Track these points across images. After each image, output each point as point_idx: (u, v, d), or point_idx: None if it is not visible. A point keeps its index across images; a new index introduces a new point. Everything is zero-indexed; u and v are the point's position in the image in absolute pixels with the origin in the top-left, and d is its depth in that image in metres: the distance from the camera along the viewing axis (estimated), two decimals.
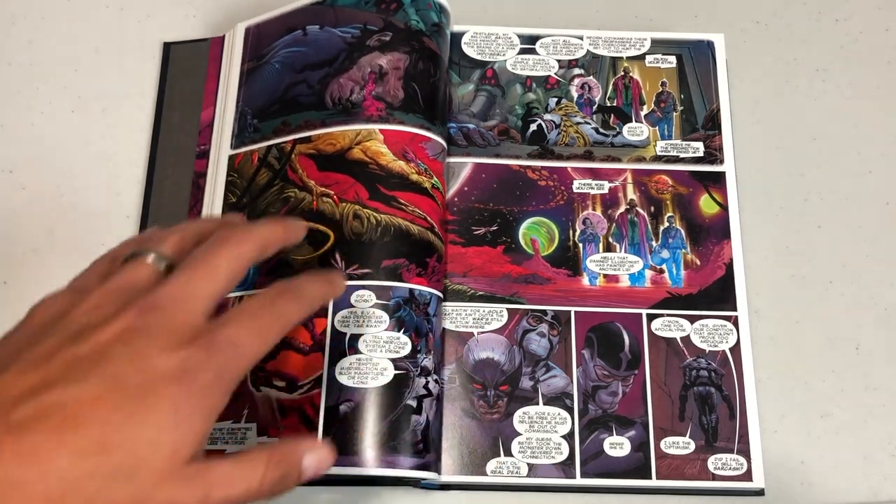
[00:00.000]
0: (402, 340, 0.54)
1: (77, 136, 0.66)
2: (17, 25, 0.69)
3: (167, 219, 0.62)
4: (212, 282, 0.38)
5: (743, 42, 0.68)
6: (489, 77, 0.66)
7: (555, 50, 0.66)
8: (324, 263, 0.56)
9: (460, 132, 0.64)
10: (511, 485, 0.55)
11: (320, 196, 0.57)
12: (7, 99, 0.67)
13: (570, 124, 0.64)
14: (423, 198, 0.57)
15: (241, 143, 0.62)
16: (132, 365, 0.34)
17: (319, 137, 0.59)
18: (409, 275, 0.55)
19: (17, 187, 0.64)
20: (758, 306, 0.60)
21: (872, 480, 0.56)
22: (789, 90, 0.67)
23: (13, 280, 0.62)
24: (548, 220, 0.61)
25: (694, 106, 0.65)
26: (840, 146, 0.65)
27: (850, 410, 0.58)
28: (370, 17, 0.61)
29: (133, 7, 0.70)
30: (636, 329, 0.59)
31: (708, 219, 0.62)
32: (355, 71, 0.60)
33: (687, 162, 0.63)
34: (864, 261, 0.61)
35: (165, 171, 0.64)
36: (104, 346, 0.34)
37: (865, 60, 0.67)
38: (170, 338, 0.35)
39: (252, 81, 0.63)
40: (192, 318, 0.36)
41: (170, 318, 0.36)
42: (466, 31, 0.66)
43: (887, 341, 0.59)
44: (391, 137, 0.58)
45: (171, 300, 0.36)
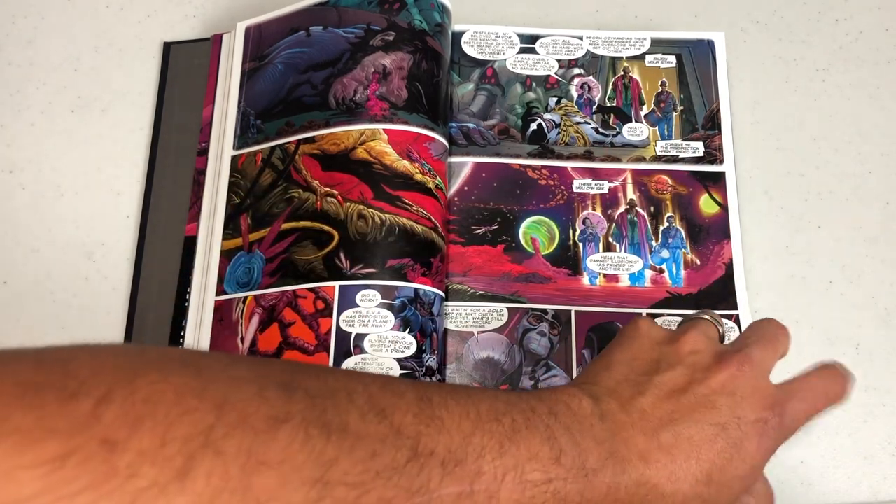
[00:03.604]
0: (408, 340, 0.54)
1: (77, 136, 0.65)
2: (17, 25, 0.69)
3: (167, 219, 0.62)
4: (776, 356, 0.48)
5: (743, 42, 0.68)
6: (489, 76, 0.66)
7: (554, 50, 0.66)
8: (328, 263, 0.56)
9: (460, 131, 0.64)
10: None
11: (324, 196, 0.57)
12: (7, 99, 0.66)
13: (570, 124, 0.64)
14: (427, 198, 0.57)
15: (244, 143, 0.62)
16: (733, 418, 0.42)
17: (323, 137, 0.59)
18: (414, 274, 0.55)
19: (17, 187, 0.64)
20: (758, 306, 0.60)
21: (872, 480, 0.56)
22: (789, 90, 0.67)
23: (13, 280, 0.62)
24: (548, 220, 0.62)
25: (694, 106, 0.65)
26: (840, 146, 0.65)
27: (850, 410, 0.58)
28: (373, 18, 0.61)
29: (133, 7, 0.70)
30: None
31: (708, 219, 0.62)
32: (359, 71, 0.60)
33: (687, 162, 0.63)
34: (864, 261, 0.62)
35: (165, 170, 0.64)
36: (713, 394, 0.43)
37: (865, 60, 0.68)
38: (757, 398, 0.43)
39: (254, 82, 0.63)
40: (768, 382, 0.45)
41: (757, 377, 0.44)
42: (466, 30, 0.66)
43: (887, 341, 0.60)
44: (395, 137, 0.58)
45: (758, 361, 0.45)
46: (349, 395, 0.35)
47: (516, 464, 0.37)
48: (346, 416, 0.33)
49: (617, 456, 0.39)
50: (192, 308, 0.59)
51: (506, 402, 0.39)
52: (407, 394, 0.37)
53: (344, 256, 0.55)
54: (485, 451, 0.36)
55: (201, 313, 0.58)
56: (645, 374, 0.44)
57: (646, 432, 0.41)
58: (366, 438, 0.33)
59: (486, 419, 0.38)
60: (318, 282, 0.55)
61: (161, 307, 0.60)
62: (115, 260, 0.62)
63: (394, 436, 0.34)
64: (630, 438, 0.40)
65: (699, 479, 0.40)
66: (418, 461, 0.34)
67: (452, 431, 0.36)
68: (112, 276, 0.61)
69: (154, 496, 0.27)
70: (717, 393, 0.43)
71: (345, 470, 0.31)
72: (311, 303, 0.55)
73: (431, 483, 0.34)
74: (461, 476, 0.35)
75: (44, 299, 0.61)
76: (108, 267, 0.62)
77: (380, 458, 0.33)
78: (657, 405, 0.42)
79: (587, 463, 0.38)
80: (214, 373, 0.32)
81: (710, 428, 0.41)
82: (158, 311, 0.60)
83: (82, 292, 0.61)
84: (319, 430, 0.32)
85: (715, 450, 0.41)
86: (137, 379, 0.29)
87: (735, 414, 0.42)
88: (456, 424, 0.36)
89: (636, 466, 0.39)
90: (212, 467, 0.28)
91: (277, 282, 0.57)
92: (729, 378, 0.44)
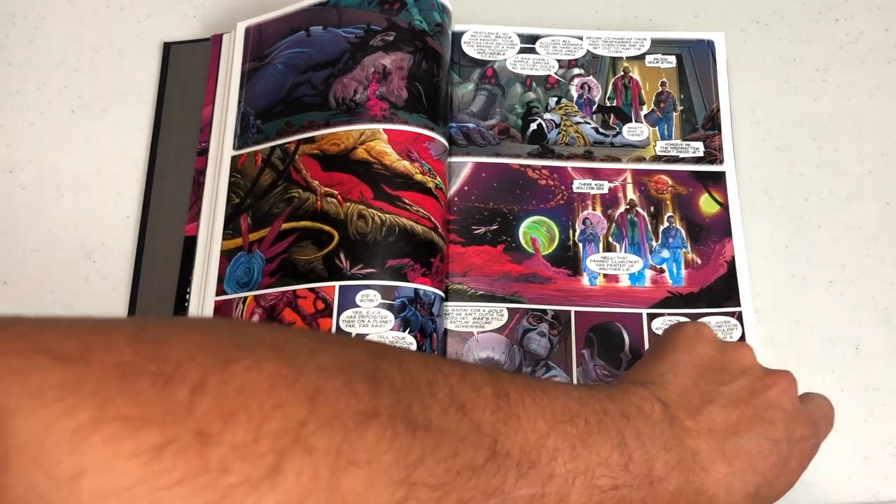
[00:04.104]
0: (408, 340, 0.54)
1: (77, 136, 0.65)
2: (17, 25, 0.69)
3: (167, 219, 0.62)
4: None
5: (743, 42, 0.68)
6: (489, 76, 0.66)
7: (555, 49, 0.66)
8: (328, 263, 0.56)
9: (460, 131, 0.64)
10: None
11: (324, 196, 0.57)
12: (7, 99, 0.66)
13: (570, 124, 0.64)
14: (427, 198, 0.57)
15: (244, 143, 0.62)
16: (785, 434, 0.43)
17: (324, 137, 0.59)
18: (414, 275, 0.55)
19: (17, 187, 0.64)
20: (758, 306, 0.60)
21: (872, 480, 0.56)
22: (789, 90, 0.67)
23: (13, 280, 0.62)
24: (548, 220, 0.62)
25: (694, 106, 0.65)
26: (840, 146, 0.65)
27: (850, 410, 0.58)
28: (373, 18, 0.61)
29: (133, 7, 0.70)
30: (636, 329, 0.59)
31: (708, 218, 0.62)
32: (359, 71, 0.60)
33: (687, 162, 0.63)
34: (864, 261, 0.62)
35: (165, 170, 0.64)
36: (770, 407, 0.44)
37: (865, 60, 0.68)
38: (802, 416, 0.45)
39: (254, 82, 0.63)
40: (795, 392, 0.46)
41: (795, 395, 0.46)
42: (466, 30, 0.66)
43: (887, 341, 0.59)
44: (395, 137, 0.58)
45: (794, 380, 0.47)
46: (431, 388, 0.34)
47: (587, 468, 0.37)
48: (430, 412, 0.33)
49: (683, 464, 0.40)
50: (192, 308, 0.59)
51: (578, 401, 0.39)
52: (484, 388, 0.36)
53: (344, 256, 0.55)
54: (558, 454, 0.36)
55: (201, 313, 0.58)
56: (713, 382, 0.44)
57: (711, 442, 0.41)
58: (448, 436, 0.33)
59: (560, 420, 0.38)
60: (318, 282, 0.55)
61: (161, 307, 0.60)
62: (115, 260, 0.62)
63: (474, 434, 0.34)
64: (697, 447, 0.41)
65: (750, 491, 0.41)
66: (496, 461, 0.34)
67: (528, 431, 0.36)
68: (112, 276, 0.61)
69: (245, 493, 0.26)
70: (773, 407, 0.44)
71: (429, 470, 0.31)
72: (311, 303, 0.55)
73: (507, 484, 0.34)
74: (534, 478, 0.35)
75: (44, 299, 0.61)
76: (108, 267, 0.62)
77: (461, 458, 0.33)
78: (723, 416, 0.43)
79: (654, 471, 0.39)
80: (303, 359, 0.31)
81: (767, 443, 0.42)
82: (158, 311, 0.60)
83: (82, 292, 0.61)
84: (405, 426, 0.31)
85: (768, 465, 0.42)
86: (231, 365, 0.29)
87: (787, 430, 0.43)
88: (532, 424, 0.36)
89: (698, 475, 0.40)
90: (302, 465, 0.28)
91: (277, 282, 0.57)
92: (782, 392, 0.45)
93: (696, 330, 0.48)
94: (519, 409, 0.36)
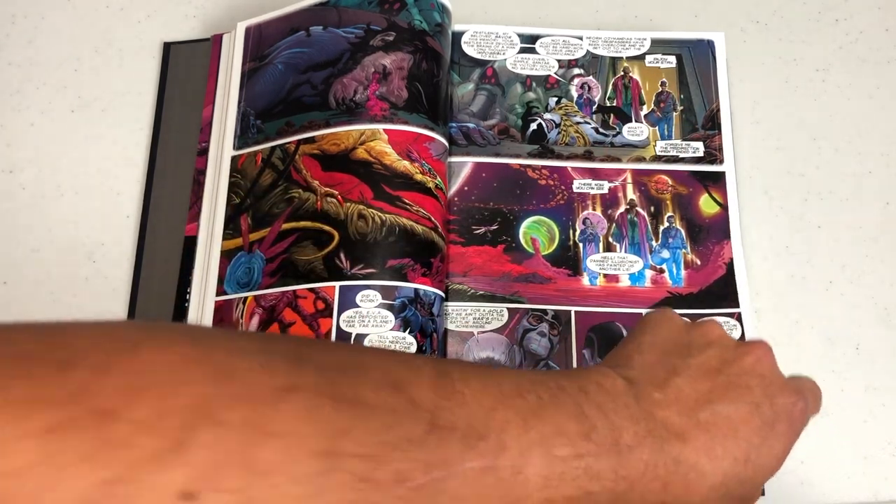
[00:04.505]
0: (408, 340, 0.54)
1: (77, 136, 0.65)
2: (17, 25, 0.69)
3: (167, 219, 0.62)
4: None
5: (743, 42, 0.68)
6: (489, 76, 0.66)
7: (554, 49, 0.66)
8: (328, 263, 0.56)
9: (460, 131, 0.64)
10: None
11: (325, 196, 0.57)
12: (7, 99, 0.66)
13: (570, 124, 0.64)
14: (427, 198, 0.57)
15: (244, 143, 0.62)
16: (765, 397, 0.42)
17: (324, 138, 0.59)
18: (415, 275, 0.55)
19: (17, 187, 0.64)
20: (758, 306, 0.60)
21: (872, 480, 0.56)
22: (789, 90, 0.67)
23: (13, 280, 0.62)
24: (548, 220, 0.62)
25: (694, 105, 0.65)
26: (840, 146, 0.65)
27: (850, 410, 0.58)
28: (373, 18, 0.61)
29: (133, 7, 0.70)
30: None
31: (708, 218, 0.62)
32: (359, 71, 0.60)
33: (687, 162, 0.63)
34: (864, 261, 0.62)
35: (165, 170, 0.64)
36: (744, 374, 0.43)
37: (865, 60, 0.68)
38: (783, 383, 0.44)
39: (254, 82, 0.63)
40: (776, 365, 0.45)
41: (773, 363, 0.45)
42: (466, 30, 0.66)
43: (887, 341, 0.60)
44: (395, 137, 0.58)
45: (769, 349, 0.45)
46: (362, 369, 0.34)
47: (542, 439, 0.36)
48: (360, 389, 0.33)
49: (654, 434, 0.39)
50: (192, 308, 0.59)
51: (531, 380, 0.39)
52: (424, 368, 0.36)
53: (344, 256, 0.55)
54: (508, 426, 0.35)
55: (201, 314, 0.58)
56: (678, 356, 0.44)
57: (683, 412, 0.40)
58: (380, 409, 0.32)
59: (509, 395, 0.37)
60: (318, 282, 0.55)
61: (161, 307, 0.60)
62: (115, 260, 0.62)
63: (410, 408, 0.33)
64: (667, 418, 0.40)
65: (738, 457, 0.40)
66: (437, 434, 0.33)
67: (473, 406, 0.35)
68: (112, 276, 0.61)
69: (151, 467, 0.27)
70: (748, 374, 0.43)
71: (358, 441, 0.31)
72: (312, 303, 0.55)
73: (452, 457, 0.33)
74: (484, 451, 0.34)
75: (44, 299, 0.61)
76: (108, 267, 0.62)
77: (395, 430, 0.32)
78: (693, 386, 0.42)
79: (621, 440, 0.38)
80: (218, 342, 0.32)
81: (746, 406, 0.41)
82: (158, 311, 0.60)
83: (82, 292, 0.61)
84: (330, 400, 0.31)
85: (751, 428, 0.41)
86: (138, 348, 0.29)
87: (767, 394, 0.42)
88: (477, 399, 0.36)
89: (674, 445, 0.39)
90: (211, 439, 0.28)
91: (277, 282, 0.57)
92: (756, 361, 0.44)
93: (662, 313, 0.47)
94: (462, 387, 0.36)
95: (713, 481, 0.40)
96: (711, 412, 0.41)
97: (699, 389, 0.42)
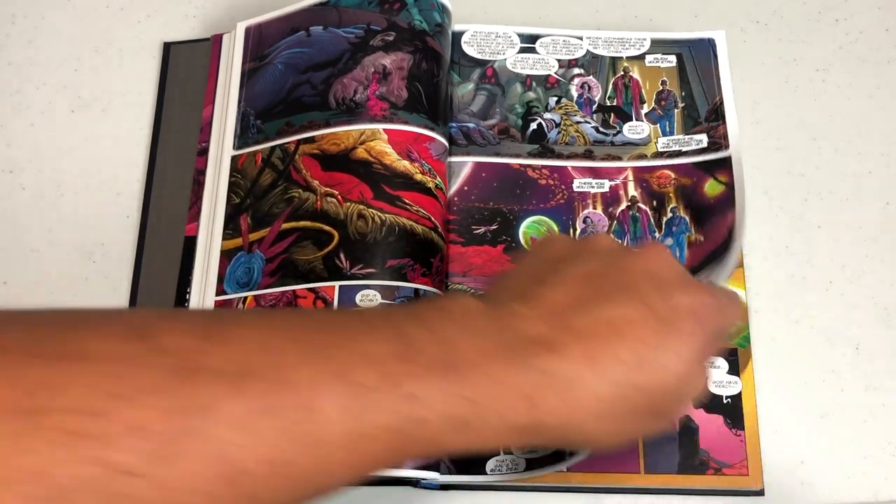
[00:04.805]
0: None
1: (77, 136, 0.65)
2: (17, 25, 0.69)
3: (167, 218, 0.62)
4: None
5: (743, 42, 0.68)
6: (489, 76, 0.66)
7: (555, 49, 0.66)
8: (328, 263, 0.56)
9: (460, 131, 0.64)
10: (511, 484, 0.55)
11: (324, 196, 0.57)
12: (7, 99, 0.66)
13: (570, 123, 0.64)
14: (427, 198, 0.57)
15: (244, 143, 0.62)
16: (660, 297, 0.38)
17: (324, 137, 0.59)
18: (414, 275, 0.55)
19: (17, 187, 0.64)
20: (758, 306, 0.60)
21: (872, 480, 0.56)
22: (789, 90, 0.67)
23: (13, 280, 0.62)
24: (548, 219, 0.61)
25: (696, 101, 0.65)
26: (840, 146, 0.65)
27: (850, 410, 0.58)
28: (374, 18, 0.61)
29: (133, 7, 0.70)
30: None
31: (713, 198, 0.61)
32: (359, 71, 0.60)
33: (690, 154, 0.63)
34: (864, 261, 0.62)
35: (165, 170, 0.64)
36: (634, 275, 0.39)
37: (865, 60, 0.68)
38: (682, 279, 0.40)
39: (254, 82, 0.63)
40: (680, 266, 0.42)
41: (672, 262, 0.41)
42: (466, 30, 0.66)
43: (887, 341, 0.59)
44: (395, 137, 0.58)
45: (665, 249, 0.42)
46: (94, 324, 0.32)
47: (340, 369, 0.32)
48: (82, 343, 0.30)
49: (512, 348, 0.36)
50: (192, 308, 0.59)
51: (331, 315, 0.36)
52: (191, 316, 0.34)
53: (344, 256, 0.55)
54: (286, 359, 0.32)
55: None
56: (554, 270, 0.40)
57: (553, 321, 0.37)
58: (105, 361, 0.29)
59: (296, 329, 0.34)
60: (318, 282, 0.55)
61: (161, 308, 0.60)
62: (115, 260, 0.62)
63: (153, 355, 0.30)
64: (530, 329, 0.37)
65: (628, 361, 0.36)
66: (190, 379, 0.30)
67: (241, 345, 0.32)
68: (112, 276, 0.61)
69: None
70: (638, 275, 0.40)
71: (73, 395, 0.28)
72: (311, 303, 0.55)
73: (211, 401, 0.30)
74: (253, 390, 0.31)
75: (44, 299, 0.61)
76: (108, 267, 0.62)
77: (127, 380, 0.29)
78: (570, 293, 0.38)
79: (460, 358, 0.34)
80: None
81: (634, 307, 0.38)
82: None
83: (82, 292, 0.61)
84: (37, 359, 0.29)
85: (645, 329, 0.37)
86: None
87: (661, 293, 0.39)
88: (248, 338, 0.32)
89: (541, 357, 0.36)
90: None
91: (277, 282, 0.57)
92: (648, 261, 0.41)
93: (549, 236, 0.44)
94: (234, 329, 0.33)
95: (600, 391, 0.36)
96: (591, 318, 0.37)
97: (578, 297, 0.38)
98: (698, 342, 0.39)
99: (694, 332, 0.38)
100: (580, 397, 0.36)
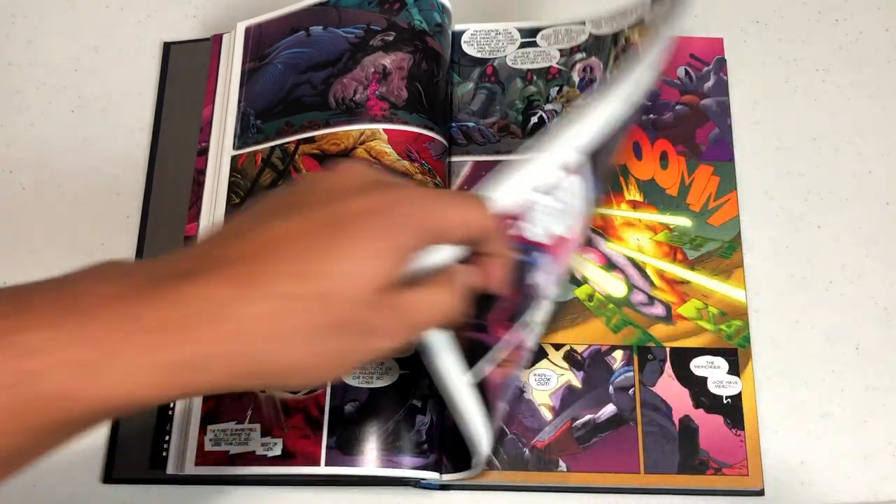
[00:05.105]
0: None
1: (77, 136, 0.65)
2: (17, 25, 0.69)
3: (167, 219, 0.62)
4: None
5: (743, 42, 0.68)
6: (489, 74, 0.65)
7: (556, 40, 0.66)
8: None
9: (460, 131, 0.63)
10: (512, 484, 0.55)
11: None
12: (7, 99, 0.66)
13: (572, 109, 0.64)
14: None
15: (244, 143, 0.62)
16: (332, 205, 0.37)
17: (323, 137, 0.59)
18: None
19: (17, 187, 0.64)
20: (758, 306, 0.60)
21: (872, 480, 0.56)
22: (789, 90, 0.67)
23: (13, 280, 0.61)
24: None
25: None
26: (840, 146, 0.65)
27: (850, 410, 0.58)
28: (373, 18, 0.61)
29: (133, 7, 0.70)
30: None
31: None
32: (359, 71, 0.60)
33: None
34: (864, 261, 0.62)
35: (165, 170, 0.64)
36: (311, 194, 0.38)
37: (865, 60, 0.68)
38: (364, 182, 0.39)
39: (254, 82, 0.63)
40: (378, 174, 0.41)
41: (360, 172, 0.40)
42: (466, 29, 0.66)
43: (887, 341, 0.59)
44: (395, 137, 0.58)
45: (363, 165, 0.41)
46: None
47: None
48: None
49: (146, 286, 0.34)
50: None
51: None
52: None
53: None
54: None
55: None
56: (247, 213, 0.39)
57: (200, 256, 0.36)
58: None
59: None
60: None
61: None
62: None
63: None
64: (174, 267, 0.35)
65: (290, 274, 0.35)
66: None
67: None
68: None
69: None
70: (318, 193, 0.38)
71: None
72: None
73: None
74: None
75: None
76: None
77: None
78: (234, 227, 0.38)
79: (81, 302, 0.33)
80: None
81: (298, 221, 0.37)
82: None
83: None
84: None
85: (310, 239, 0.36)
86: None
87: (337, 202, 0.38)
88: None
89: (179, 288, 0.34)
90: None
91: None
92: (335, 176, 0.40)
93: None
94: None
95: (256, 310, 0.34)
96: (245, 241, 0.36)
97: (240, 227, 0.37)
98: (385, 240, 0.37)
99: (380, 228, 0.37)
100: (236, 319, 0.34)
